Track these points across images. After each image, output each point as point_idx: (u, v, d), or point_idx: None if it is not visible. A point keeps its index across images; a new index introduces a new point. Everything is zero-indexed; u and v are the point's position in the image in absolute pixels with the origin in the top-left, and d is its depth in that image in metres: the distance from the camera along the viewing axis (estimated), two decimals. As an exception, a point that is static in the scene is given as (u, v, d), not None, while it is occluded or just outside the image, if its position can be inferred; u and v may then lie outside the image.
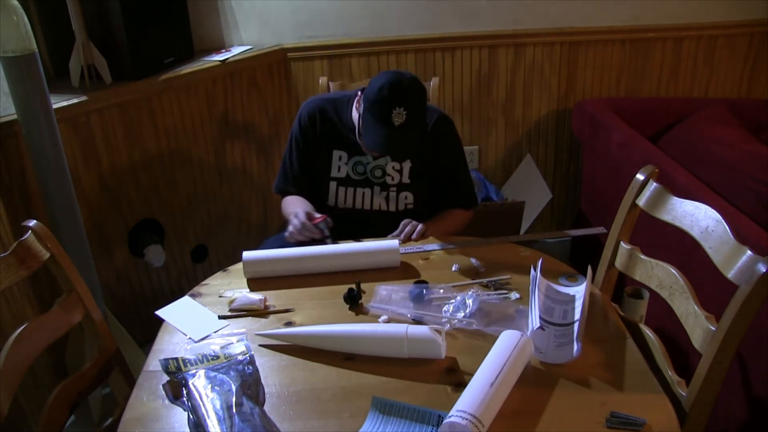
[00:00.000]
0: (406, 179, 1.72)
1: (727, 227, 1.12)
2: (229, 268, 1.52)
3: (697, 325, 1.13)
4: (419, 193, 1.74)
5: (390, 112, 1.50)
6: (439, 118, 1.73)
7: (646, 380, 1.09)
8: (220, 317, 1.32)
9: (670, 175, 1.84)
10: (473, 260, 1.46)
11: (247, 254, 1.46)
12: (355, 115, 1.67)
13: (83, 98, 1.95)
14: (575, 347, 1.12)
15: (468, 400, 0.98)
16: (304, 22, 2.48)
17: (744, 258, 1.05)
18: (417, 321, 1.26)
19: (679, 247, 1.54)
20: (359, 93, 1.64)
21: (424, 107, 1.59)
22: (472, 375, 1.05)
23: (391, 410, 1.03)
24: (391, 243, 1.47)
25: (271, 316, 1.32)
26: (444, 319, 1.25)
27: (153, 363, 1.19)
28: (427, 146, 1.70)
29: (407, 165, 1.71)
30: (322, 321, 1.28)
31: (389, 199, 1.73)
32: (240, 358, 1.17)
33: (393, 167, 1.71)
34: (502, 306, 1.29)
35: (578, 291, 1.29)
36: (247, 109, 2.45)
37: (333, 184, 1.73)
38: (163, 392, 1.10)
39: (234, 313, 1.33)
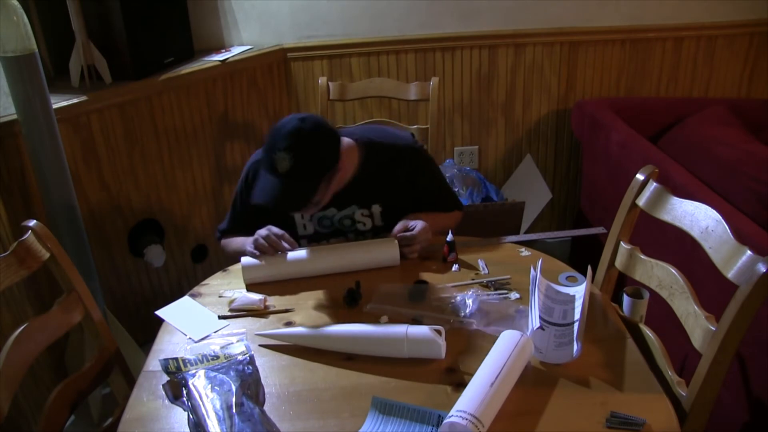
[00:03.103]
0: (379, 222, 1.60)
1: (727, 227, 1.12)
2: (229, 268, 1.52)
3: (697, 325, 1.13)
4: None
5: (273, 157, 1.32)
6: (405, 147, 1.58)
7: (646, 380, 1.09)
8: (220, 317, 1.32)
9: (670, 175, 1.84)
10: (480, 261, 1.46)
11: (245, 260, 1.44)
12: None
13: (83, 98, 1.95)
14: (575, 347, 1.12)
15: (468, 400, 0.98)
16: (304, 22, 2.48)
17: (744, 258, 1.05)
18: (417, 321, 1.26)
19: (679, 247, 1.54)
20: None
21: (318, 154, 1.35)
22: (472, 375, 1.05)
23: (391, 410, 1.03)
24: (390, 242, 1.47)
25: (271, 316, 1.32)
26: (444, 319, 1.25)
27: (153, 363, 1.19)
28: (398, 181, 1.57)
29: (377, 209, 1.57)
30: (322, 321, 1.28)
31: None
32: (240, 358, 1.17)
33: (362, 213, 1.58)
34: (502, 306, 1.29)
35: (578, 291, 1.29)
36: (247, 109, 2.45)
37: (303, 242, 1.63)
38: (163, 392, 1.10)
39: (234, 313, 1.33)
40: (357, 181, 1.53)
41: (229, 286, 1.43)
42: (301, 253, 1.47)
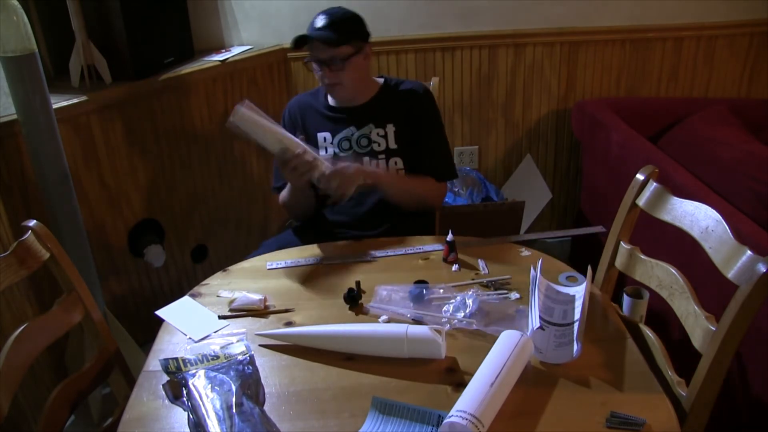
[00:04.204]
0: (392, 144, 1.74)
1: (727, 227, 1.12)
2: (229, 268, 1.52)
3: (697, 325, 1.13)
4: (408, 159, 1.75)
5: (314, 21, 1.69)
6: (419, 85, 1.80)
7: (646, 380, 1.09)
8: (220, 317, 1.32)
9: (670, 175, 1.84)
10: (480, 261, 1.46)
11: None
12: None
13: (83, 98, 1.95)
14: (575, 347, 1.12)
15: (468, 400, 0.98)
16: (304, 22, 2.46)
17: (744, 258, 1.05)
18: (417, 321, 1.26)
19: (679, 247, 1.54)
20: None
21: (345, 18, 1.70)
22: (472, 375, 1.05)
23: (391, 410, 1.03)
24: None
25: (271, 316, 1.32)
26: (444, 319, 1.25)
27: (153, 363, 1.19)
28: (410, 107, 1.75)
29: (391, 129, 1.73)
30: (322, 321, 1.28)
31: (380, 168, 1.74)
32: (240, 358, 1.17)
33: (377, 134, 1.74)
34: (502, 306, 1.29)
35: (578, 291, 1.29)
36: (247, 109, 2.45)
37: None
38: (163, 392, 1.10)
39: (234, 313, 1.33)
40: (375, 101, 1.77)
41: (229, 286, 1.43)
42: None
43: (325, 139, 1.77)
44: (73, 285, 1.31)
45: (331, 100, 1.79)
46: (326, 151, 1.76)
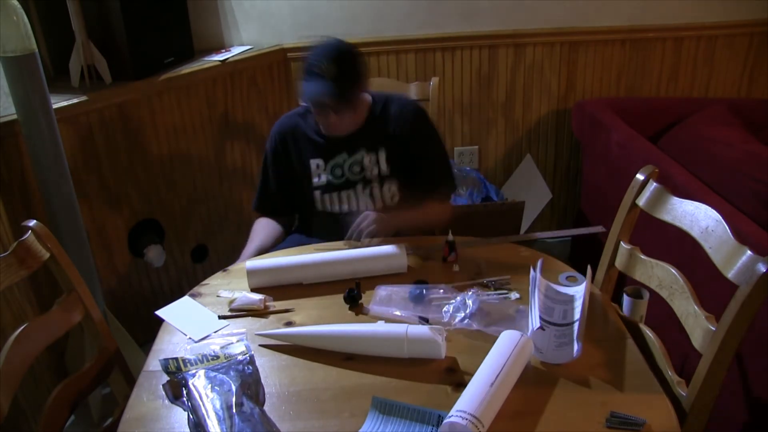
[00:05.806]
0: (385, 169, 1.70)
1: (727, 227, 1.12)
2: (229, 268, 1.52)
3: (697, 325, 1.13)
4: (402, 183, 1.72)
5: (312, 67, 1.56)
6: (410, 103, 1.76)
7: (646, 380, 1.09)
8: (220, 317, 1.32)
9: (670, 175, 1.84)
10: (480, 262, 1.46)
11: (250, 264, 1.42)
12: None
13: (83, 98, 1.95)
14: (575, 347, 1.12)
15: (468, 400, 0.98)
16: (304, 22, 2.48)
17: (744, 258, 1.05)
18: (423, 319, 1.25)
19: (679, 247, 1.54)
20: None
21: (350, 62, 1.60)
22: (472, 375, 1.05)
23: (391, 410, 1.03)
24: (398, 249, 1.44)
25: (271, 316, 1.32)
26: (444, 319, 1.25)
27: (153, 363, 1.19)
28: (400, 130, 1.70)
29: (383, 154, 1.70)
30: (322, 321, 1.28)
31: (374, 197, 1.71)
32: (240, 358, 1.17)
33: (369, 159, 1.69)
34: (502, 306, 1.29)
35: (578, 291, 1.29)
36: (247, 109, 2.45)
37: (317, 193, 1.73)
38: (163, 392, 1.10)
39: (234, 313, 1.33)
40: (366, 126, 1.70)
41: (229, 286, 1.43)
42: (308, 258, 1.45)
43: (317, 165, 1.72)
44: (73, 285, 1.31)
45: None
46: (319, 178, 1.72)
